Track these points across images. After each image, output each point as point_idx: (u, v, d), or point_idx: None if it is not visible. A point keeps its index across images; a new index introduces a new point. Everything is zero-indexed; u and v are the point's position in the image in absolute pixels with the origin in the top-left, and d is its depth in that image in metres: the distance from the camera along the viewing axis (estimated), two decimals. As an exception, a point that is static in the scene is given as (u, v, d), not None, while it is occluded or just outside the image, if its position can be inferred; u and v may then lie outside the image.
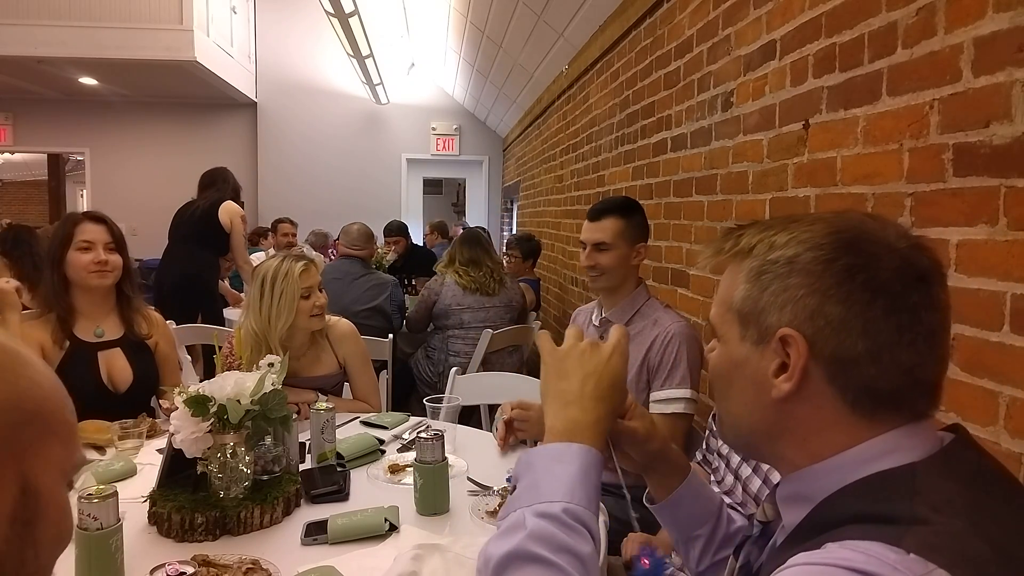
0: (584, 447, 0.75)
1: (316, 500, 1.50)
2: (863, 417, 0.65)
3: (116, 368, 2.05)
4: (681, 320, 1.99)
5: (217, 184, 4.27)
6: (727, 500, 1.42)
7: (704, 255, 0.78)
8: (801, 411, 0.67)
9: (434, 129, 8.82)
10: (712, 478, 1.61)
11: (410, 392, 3.80)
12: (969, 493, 0.60)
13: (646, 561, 1.37)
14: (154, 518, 1.36)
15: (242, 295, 4.46)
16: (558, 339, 0.87)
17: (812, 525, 0.66)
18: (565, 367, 0.82)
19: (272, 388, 1.44)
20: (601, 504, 1.50)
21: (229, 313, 4.36)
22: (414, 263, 5.20)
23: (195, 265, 4.16)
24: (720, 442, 1.59)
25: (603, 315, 2.08)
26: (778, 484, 0.75)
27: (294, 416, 1.55)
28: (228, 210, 4.16)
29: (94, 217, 2.08)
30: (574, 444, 0.75)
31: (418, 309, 3.72)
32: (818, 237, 0.66)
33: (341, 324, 2.27)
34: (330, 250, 6.01)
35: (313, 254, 4.80)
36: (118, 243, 2.07)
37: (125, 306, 2.12)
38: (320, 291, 2.15)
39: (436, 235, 6.31)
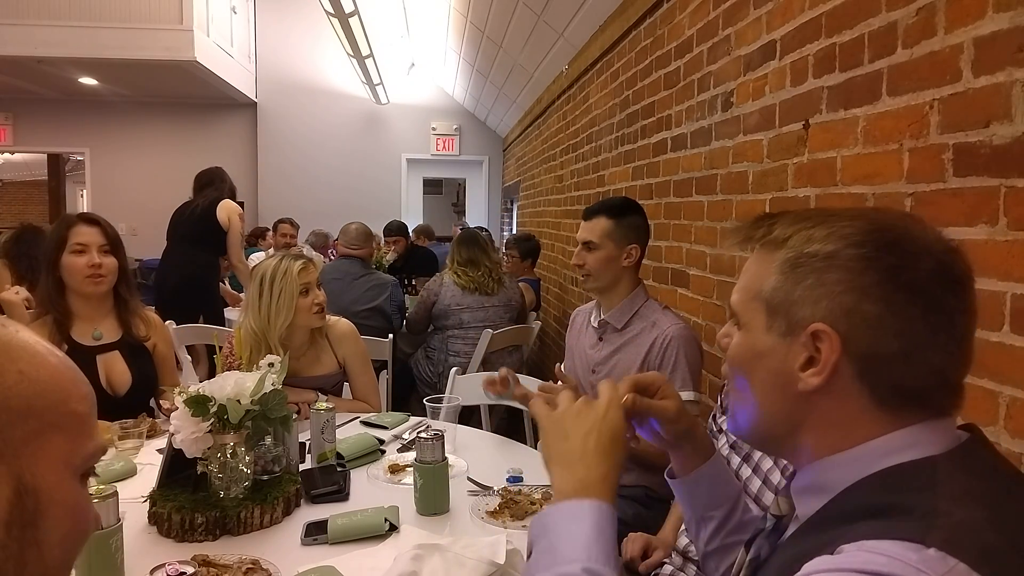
0: (595, 503, 0.75)
1: (316, 500, 1.50)
2: (888, 412, 0.66)
3: (115, 372, 2.04)
4: (679, 322, 1.99)
5: (215, 183, 4.23)
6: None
7: (731, 239, 0.77)
8: (825, 404, 0.68)
9: (434, 129, 8.81)
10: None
11: (410, 392, 3.80)
12: (987, 487, 0.61)
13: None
14: (154, 518, 1.36)
15: (241, 295, 4.45)
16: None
17: (824, 519, 0.66)
18: (564, 428, 0.82)
19: (272, 388, 1.44)
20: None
21: (229, 313, 4.35)
22: (414, 263, 5.20)
23: (195, 266, 4.14)
24: (720, 442, 1.59)
25: (601, 316, 2.09)
26: (792, 477, 0.75)
27: (294, 416, 1.55)
28: (226, 208, 4.12)
29: (88, 219, 2.05)
30: (586, 501, 0.75)
31: (417, 310, 3.72)
32: (859, 234, 0.66)
33: (341, 324, 2.27)
34: (330, 250, 6.01)
35: (313, 254, 4.80)
36: (113, 245, 2.04)
37: (122, 308, 2.09)
38: (319, 289, 2.15)
39: (423, 239, 6.31)
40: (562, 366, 1.80)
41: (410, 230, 5.66)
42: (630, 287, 2.05)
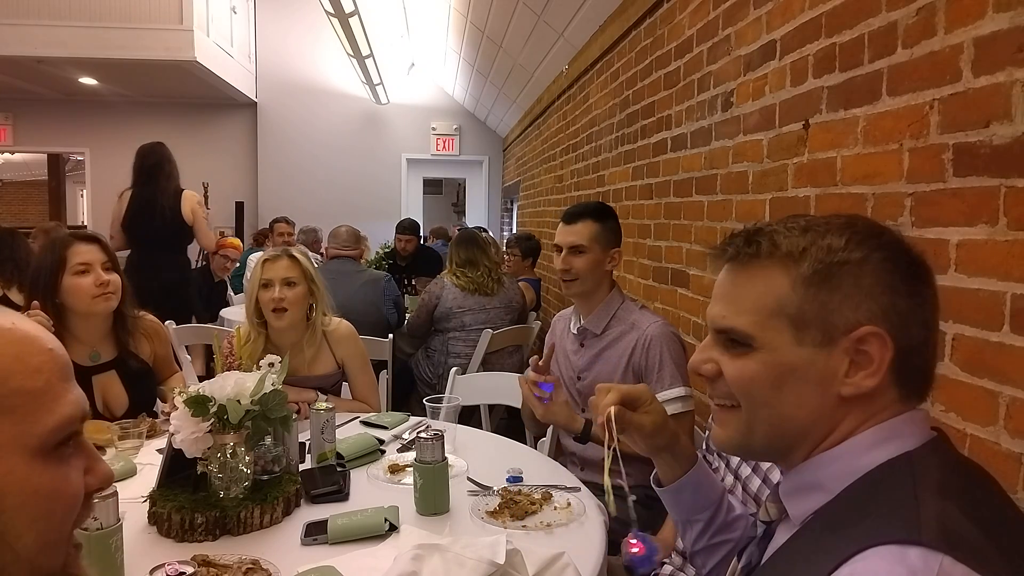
0: None
1: (316, 500, 1.50)
2: (897, 400, 0.70)
3: (111, 394, 2.00)
4: (657, 320, 2.01)
5: (163, 167, 4.00)
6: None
7: (721, 258, 0.77)
8: (861, 405, 0.70)
9: (434, 129, 8.81)
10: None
11: (410, 392, 3.80)
12: (956, 479, 0.65)
13: (638, 545, 1.35)
14: (154, 518, 1.36)
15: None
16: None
17: (817, 523, 0.68)
18: None
19: (272, 388, 1.44)
20: (601, 504, 1.50)
21: (227, 313, 4.35)
22: (416, 263, 5.21)
23: (176, 270, 4.06)
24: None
25: (580, 323, 2.09)
26: (779, 482, 0.76)
27: (294, 416, 1.55)
28: (188, 202, 3.97)
29: (84, 237, 1.98)
30: None
31: (419, 313, 3.71)
32: (873, 238, 0.70)
33: (341, 326, 2.28)
34: (322, 246, 6.02)
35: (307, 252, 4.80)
36: (113, 261, 1.99)
37: (121, 327, 2.03)
38: (287, 285, 2.08)
39: (432, 238, 6.34)
40: (539, 361, 1.78)
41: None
42: (607, 291, 2.06)
